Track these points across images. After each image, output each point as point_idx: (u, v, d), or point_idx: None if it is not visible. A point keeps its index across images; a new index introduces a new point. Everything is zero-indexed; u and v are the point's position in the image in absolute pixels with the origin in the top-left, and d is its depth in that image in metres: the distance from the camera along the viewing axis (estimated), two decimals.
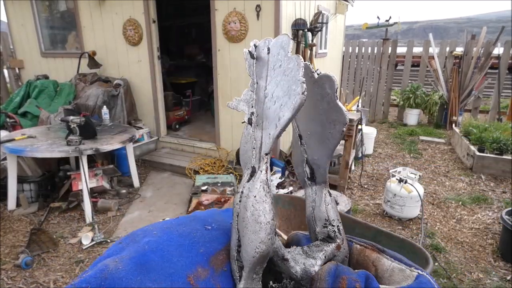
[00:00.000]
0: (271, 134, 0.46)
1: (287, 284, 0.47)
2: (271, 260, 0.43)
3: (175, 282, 0.39)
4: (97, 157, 3.91)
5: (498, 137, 4.37)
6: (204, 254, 0.44)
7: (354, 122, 3.58)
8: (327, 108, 0.56)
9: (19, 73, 5.99)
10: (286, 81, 0.47)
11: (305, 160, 0.63)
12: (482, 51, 6.31)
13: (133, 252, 0.41)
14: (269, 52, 0.52)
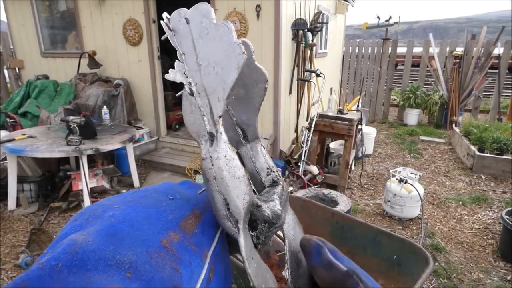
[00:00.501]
0: (220, 96, 0.48)
1: (263, 228, 0.51)
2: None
3: (151, 247, 0.38)
4: (97, 157, 3.91)
5: (498, 137, 4.37)
6: (173, 220, 0.44)
7: (354, 122, 3.58)
8: (247, 71, 0.58)
9: (19, 73, 5.99)
10: (220, 46, 0.48)
11: (235, 123, 0.64)
12: (482, 51, 6.31)
13: (99, 225, 0.39)
14: (188, 23, 0.52)
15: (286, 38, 3.98)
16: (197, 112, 0.49)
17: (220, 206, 0.45)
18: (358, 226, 1.64)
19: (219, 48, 0.48)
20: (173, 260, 0.40)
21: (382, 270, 1.57)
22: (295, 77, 4.25)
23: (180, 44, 0.52)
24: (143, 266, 0.37)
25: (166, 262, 0.39)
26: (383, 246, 1.57)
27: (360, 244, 1.68)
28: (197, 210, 0.52)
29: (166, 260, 0.39)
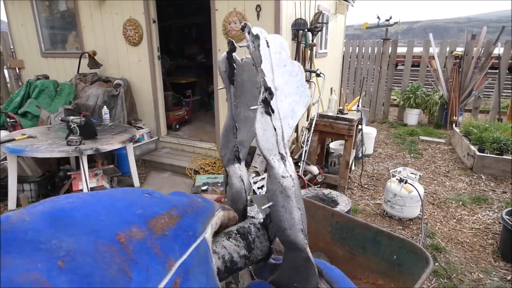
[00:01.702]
0: (290, 124, 0.53)
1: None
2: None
3: (101, 237, 0.32)
4: (97, 157, 3.91)
5: (499, 137, 4.37)
6: (142, 215, 0.39)
7: (354, 122, 3.57)
8: (257, 92, 0.59)
9: (19, 73, 5.99)
10: (294, 82, 0.54)
11: (234, 142, 0.66)
12: (483, 51, 6.30)
13: (48, 208, 0.34)
14: (269, 46, 0.55)
15: (286, 38, 3.97)
16: (270, 132, 0.51)
17: (297, 221, 0.47)
18: (358, 226, 1.64)
19: (293, 83, 0.54)
20: (125, 259, 0.33)
21: (382, 270, 1.57)
22: None
23: (260, 60, 0.55)
24: (83, 257, 0.31)
25: (114, 259, 0.33)
26: (383, 246, 1.57)
27: (360, 244, 1.68)
28: (175, 211, 0.46)
29: (115, 257, 0.33)
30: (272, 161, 0.50)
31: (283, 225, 0.49)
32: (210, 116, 5.90)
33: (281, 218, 0.49)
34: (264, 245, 0.53)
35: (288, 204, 0.49)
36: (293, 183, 0.50)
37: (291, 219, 0.48)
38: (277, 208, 0.49)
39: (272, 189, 0.50)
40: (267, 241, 0.53)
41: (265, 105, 0.54)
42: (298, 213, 0.49)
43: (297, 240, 0.48)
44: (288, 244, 0.50)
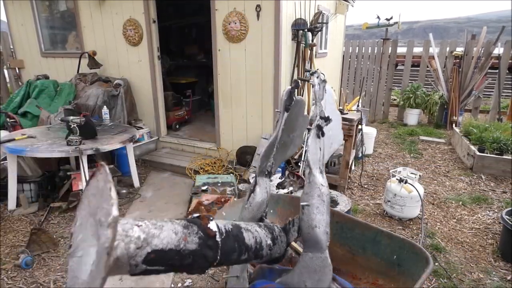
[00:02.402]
0: (326, 153, 0.67)
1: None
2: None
3: None
4: (97, 157, 3.91)
5: (499, 137, 4.37)
6: None
7: (354, 122, 3.57)
8: (302, 124, 0.74)
9: (19, 73, 5.99)
10: (336, 128, 0.73)
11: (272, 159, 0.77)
12: (482, 51, 6.30)
13: None
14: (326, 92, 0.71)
15: (286, 38, 3.98)
16: (317, 149, 0.64)
17: (326, 223, 0.54)
18: (358, 226, 1.65)
19: (336, 128, 0.69)
20: None
21: (382, 270, 1.57)
22: (295, 77, 4.25)
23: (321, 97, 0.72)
24: None
25: None
26: (383, 246, 1.57)
27: (360, 244, 1.69)
28: None
29: None
30: (314, 171, 0.61)
31: (313, 223, 0.54)
32: (210, 116, 5.90)
33: (314, 217, 0.55)
34: (283, 245, 0.56)
35: (322, 207, 0.56)
36: (327, 192, 0.58)
37: (321, 220, 0.54)
38: (311, 208, 0.56)
39: (311, 192, 0.58)
40: (285, 243, 0.57)
41: (318, 129, 0.68)
42: (327, 217, 0.56)
43: (322, 240, 0.53)
44: (312, 243, 0.53)
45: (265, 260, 0.49)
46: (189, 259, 0.38)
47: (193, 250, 0.38)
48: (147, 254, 0.34)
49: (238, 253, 0.44)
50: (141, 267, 0.33)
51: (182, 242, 0.38)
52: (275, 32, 3.77)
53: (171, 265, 0.37)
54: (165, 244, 0.36)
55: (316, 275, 0.49)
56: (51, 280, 2.39)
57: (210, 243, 0.42)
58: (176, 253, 0.37)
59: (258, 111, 4.15)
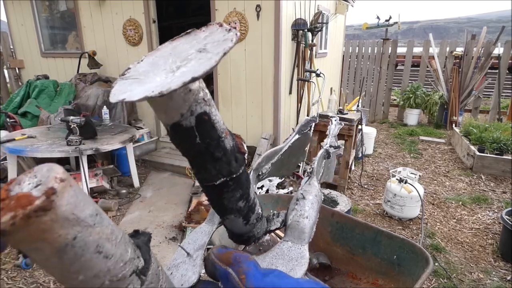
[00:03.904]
0: (323, 176, 0.75)
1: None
2: None
3: None
4: (97, 157, 3.91)
5: (498, 137, 4.37)
6: None
7: (354, 122, 3.57)
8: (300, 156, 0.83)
9: (19, 73, 5.99)
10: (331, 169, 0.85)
11: (271, 165, 0.81)
12: (482, 51, 6.30)
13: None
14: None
15: (286, 38, 3.98)
16: (321, 166, 0.73)
17: (314, 220, 0.55)
18: (358, 226, 1.64)
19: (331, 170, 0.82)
20: None
21: (382, 270, 1.57)
22: (295, 77, 4.25)
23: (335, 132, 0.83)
24: None
25: None
26: (383, 246, 1.57)
27: (360, 244, 1.68)
28: None
29: None
30: (315, 178, 0.64)
31: (305, 214, 0.53)
32: None
33: (307, 209, 0.55)
34: (263, 227, 0.54)
35: (316, 205, 0.56)
36: (322, 198, 0.60)
37: (312, 215, 0.54)
38: (307, 201, 0.56)
39: (309, 190, 0.59)
40: (265, 228, 0.55)
41: (327, 153, 0.71)
42: (317, 217, 0.55)
43: (307, 232, 0.52)
44: (297, 232, 0.53)
45: (245, 231, 0.48)
46: (219, 152, 0.37)
47: (225, 149, 0.37)
48: (203, 112, 0.32)
49: (242, 192, 0.43)
50: (189, 119, 0.32)
51: (223, 133, 0.37)
52: (275, 32, 3.76)
53: (206, 144, 0.35)
54: (216, 120, 0.35)
55: (291, 263, 0.48)
56: (51, 280, 2.39)
57: (239, 156, 0.41)
58: (216, 134, 0.36)
59: (258, 111, 4.15)
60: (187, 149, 0.36)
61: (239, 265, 0.32)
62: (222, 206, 0.43)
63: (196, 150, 0.35)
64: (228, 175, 0.39)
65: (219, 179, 0.38)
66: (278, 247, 0.50)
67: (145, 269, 0.29)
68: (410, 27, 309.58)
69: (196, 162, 0.38)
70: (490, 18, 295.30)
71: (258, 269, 0.32)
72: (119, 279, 0.26)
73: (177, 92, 0.28)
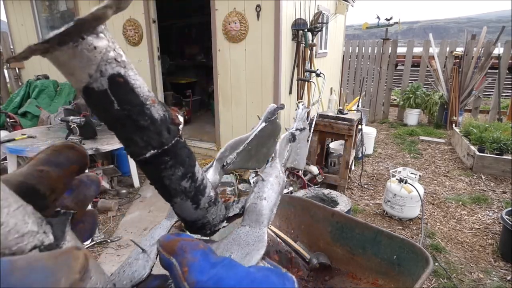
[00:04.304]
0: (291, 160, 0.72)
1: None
2: None
3: None
4: (97, 157, 3.91)
5: (499, 137, 4.37)
6: None
7: (354, 122, 3.58)
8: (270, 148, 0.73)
9: (19, 73, 6.00)
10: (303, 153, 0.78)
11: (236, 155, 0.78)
12: (482, 51, 6.30)
13: None
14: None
15: (286, 38, 3.98)
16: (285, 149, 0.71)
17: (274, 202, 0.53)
18: (358, 226, 1.65)
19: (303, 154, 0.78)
20: None
21: (382, 270, 1.57)
22: (295, 77, 4.25)
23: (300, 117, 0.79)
24: None
25: None
26: (383, 246, 1.57)
27: (360, 244, 1.68)
28: None
29: None
30: (278, 160, 0.62)
31: (263, 195, 0.50)
32: (210, 116, 5.90)
33: (265, 190, 0.52)
34: (220, 213, 0.51)
35: (277, 186, 0.53)
36: (285, 180, 0.58)
37: (272, 196, 0.51)
38: (266, 183, 0.53)
39: (270, 172, 0.57)
40: (223, 215, 0.51)
41: (292, 135, 0.71)
42: (277, 199, 0.52)
43: (265, 214, 0.49)
44: (254, 215, 0.50)
45: (197, 217, 0.44)
46: (144, 121, 0.32)
47: (153, 117, 0.32)
48: (117, 73, 0.28)
49: (184, 170, 0.39)
50: (100, 81, 0.27)
51: (149, 100, 0.32)
52: (275, 32, 3.77)
53: (127, 111, 0.29)
54: (137, 85, 0.31)
55: (247, 248, 0.44)
56: None
57: (172, 127, 0.36)
58: (138, 100, 0.31)
59: (258, 111, 4.15)
60: (106, 117, 0.33)
61: (183, 255, 0.29)
62: (165, 188, 0.40)
63: (116, 117, 0.32)
64: (159, 147, 0.35)
65: (149, 151, 0.35)
66: (234, 232, 0.48)
67: (53, 246, 0.27)
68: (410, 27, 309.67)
69: (121, 133, 0.35)
70: (490, 18, 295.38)
71: (206, 259, 0.29)
72: (13, 252, 0.24)
73: (78, 48, 0.27)
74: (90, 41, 0.28)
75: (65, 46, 0.26)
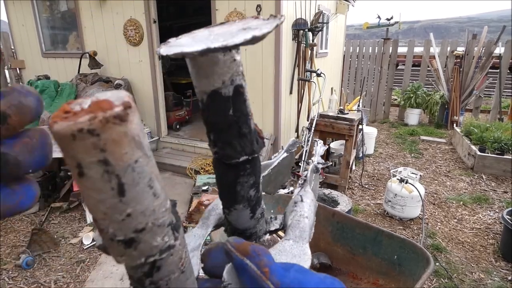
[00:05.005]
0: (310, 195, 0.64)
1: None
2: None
3: None
4: None
5: (499, 137, 4.36)
6: None
7: (355, 122, 3.57)
8: (281, 179, 0.72)
9: (20, 73, 6.01)
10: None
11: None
12: (483, 51, 6.30)
13: None
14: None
15: (287, 38, 3.98)
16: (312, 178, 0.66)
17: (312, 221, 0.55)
18: (359, 226, 1.65)
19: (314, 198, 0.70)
20: None
21: (383, 270, 1.57)
22: (295, 77, 4.25)
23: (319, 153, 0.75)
24: None
25: None
26: (384, 246, 1.57)
27: (360, 244, 1.69)
28: None
29: None
30: (308, 186, 0.61)
31: (305, 214, 0.54)
32: None
33: (306, 210, 0.55)
34: (263, 227, 0.54)
35: (314, 208, 0.57)
36: (317, 205, 0.58)
37: (311, 216, 0.54)
38: (305, 204, 0.56)
39: (306, 195, 0.60)
40: (264, 229, 0.54)
41: (316, 168, 0.69)
42: (314, 219, 0.56)
43: (308, 231, 0.52)
44: (298, 231, 0.53)
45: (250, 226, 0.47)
46: (246, 129, 0.35)
47: (251, 127, 0.36)
48: (241, 84, 0.33)
49: (255, 180, 0.42)
50: (229, 88, 0.32)
51: (251, 113, 0.36)
52: (276, 32, 3.76)
53: (237, 118, 0.34)
54: (247, 98, 0.35)
55: (294, 259, 0.48)
56: (52, 280, 2.39)
57: (259, 139, 0.40)
58: (246, 110, 0.35)
59: (259, 111, 4.15)
60: (219, 121, 0.36)
61: (259, 258, 0.31)
62: (234, 193, 0.42)
63: (227, 122, 0.35)
64: (250, 154, 0.38)
65: (242, 156, 0.38)
66: (280, 244, 0.50)
67: (177, 226, 0.29)
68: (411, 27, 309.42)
69: (223, 137, 0.38)
70: (491, 18, 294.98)
71: (278, 264, 0.32)
72: (159, 224, 0.25)
73: (225, 58, 0.29)
74: (233, 54, 0.30)
75: (221, 53, 0.28)
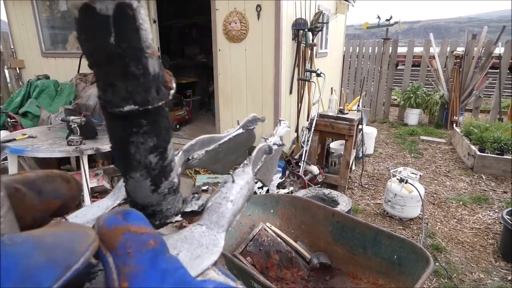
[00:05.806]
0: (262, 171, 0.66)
1: None
2: None
3: None
4: (97, 157, 3.91)
5: (499, 137, 4.37)
6: None
7: (355, 122, 3.57)
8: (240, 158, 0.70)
9: (19, 73, 6.00)
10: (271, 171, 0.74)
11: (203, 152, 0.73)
12: (483, 51, 6.30)
13: None
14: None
15: (287, 38, 3.97)
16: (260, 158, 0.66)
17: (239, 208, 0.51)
18: (359, 226, 1.65)
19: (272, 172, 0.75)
20: None
21: (383, 270, 1.57)
22: (295, 77, 4.25)
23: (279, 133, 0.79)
24: None
25: None
26: (384, 246, 1.57)
27: (360, 244, 1.69)
28: None
29: None
30: (251, 166, 0.57)
31: (230, 197, 0.48)
32: (210, 116, 5.90)
33: (234, 193, 0.49)
34: (176, 205, 0.45)
35: (246, 192, 0.52)
36: (253, 188, 0.54)
37: (239, 201, 0.48)
38: (236, 185, 0.51)
39: (241, 176, 0.55)
40: (179, 208, 0.46)
41: (269, 149, 0.68)
42: (242, 206, 0.50)
43: (228, 218, 0.46)
44: (216, 216, 0.46)
45: (152, 202, 0.37)
46: (137, 69, 0.26)
47: (147, 69, 0.27)
48: (128, 3, 0.24)
49: (157, 143, 0.32)
50: (107, 4, 0.23)
51: (149, 49, 0.26)
52: (276, 32, 3.76)
53: (122, 49, 0.25)
54: (144, 27, 0.25)
55: (199, 249, 0.38)
56: None
57: (162, 88, 0.31)
58: (139, 43, 0.25)
59: (259, 111, 4.14)
60: (95, 48, 0.27)
61: (125, 260, 0.22)
62: (127, 157, 0.34)
63: (106, 53, 0.27)
64: (141, 104, 0.29)
65: (129, 105, 0.28)
66: (188, 229, 0.42)
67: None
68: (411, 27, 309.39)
69: (103, 73, 0.29)
70: (491, 18, 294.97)
71: (155, 267, 0.23)
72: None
73: None
74: None
75: None
